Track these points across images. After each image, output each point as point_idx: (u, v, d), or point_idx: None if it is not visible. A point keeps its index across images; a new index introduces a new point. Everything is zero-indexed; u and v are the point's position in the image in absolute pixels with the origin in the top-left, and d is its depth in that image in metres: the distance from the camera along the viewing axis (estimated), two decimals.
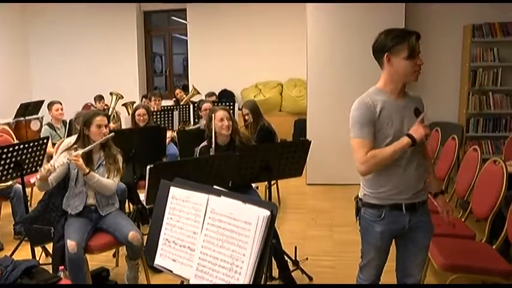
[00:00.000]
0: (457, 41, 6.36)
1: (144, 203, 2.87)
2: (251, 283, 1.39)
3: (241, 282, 1.41)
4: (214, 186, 1.68)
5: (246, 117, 5.14)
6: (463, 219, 3.51)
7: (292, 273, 3.36)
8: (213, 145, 3.49)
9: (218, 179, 2.86)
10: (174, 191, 1.74)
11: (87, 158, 3.08)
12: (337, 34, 5.87)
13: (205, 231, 1.58)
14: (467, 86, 6.20)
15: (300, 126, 7.31)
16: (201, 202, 1.63)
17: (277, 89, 8.20)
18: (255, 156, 3.01)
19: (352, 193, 5.92)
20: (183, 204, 1.70)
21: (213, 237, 1.55)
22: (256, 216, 1.43)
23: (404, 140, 2.10)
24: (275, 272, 3.29)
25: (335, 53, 5.89)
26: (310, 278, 3.41)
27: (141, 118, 4.80)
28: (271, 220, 1.41)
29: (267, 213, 1.42)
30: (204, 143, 3.64)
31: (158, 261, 1.72)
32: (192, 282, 1.56)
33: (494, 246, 2.98)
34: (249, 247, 1.43)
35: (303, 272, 3.42)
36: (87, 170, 3.00)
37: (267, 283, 3.12)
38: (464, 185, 3.69)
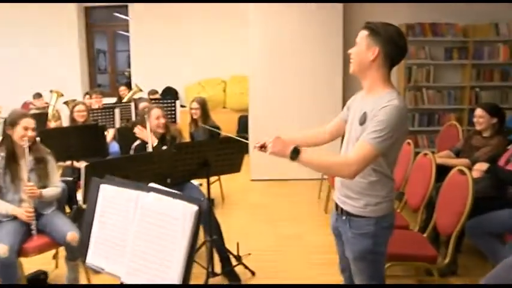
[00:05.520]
0: None
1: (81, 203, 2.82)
2: (182, 277, 1.40)
3: (171, 276, 1.42)
4: (151, 184, 1.68)
5: (194, 111, 5.07)
6: (398, 210, 3.66)
7: (235, 268, 3.39)
8: (153, 143, 3.64)
9: (156, 176, 2.84)
10: (105, 189, 1.73)
11: (14, 162, 2.99)
12: (279, 31, 5.91)
13: (135, 228, 1.58)
14: (404, 82, 6.46)
15: (244, 122, 7.36)
16: (130, 199, 1.63)
17: (221, 86, 8.22)
18: (192, 153, 3.00)
19: (293, 188, 6.00)
20: (113, 201, 1.69)
21: (143, 233, 1.56)
22: (184, 211, 1.45)
23: None
24: (217, 268, 3.32)
25: (277, 50, 5.94)
26: (253, 273, 3.45)
27: (80, 114, 4.72)
28: (199, 215, 1.43)
29: (195, 208, 1.45)
30: (139, 141, 3.73)
31: (90, 259, 1.70)
32: (123, 279, 1.56)
33: (425, 235, 3.14)
34: (178, 242, 1.44)
35: (245, 267, 3.46)
36: (41, 196, 2.95)
37: (209, 278, 3.14)
38: (400, 177, 3.85)
